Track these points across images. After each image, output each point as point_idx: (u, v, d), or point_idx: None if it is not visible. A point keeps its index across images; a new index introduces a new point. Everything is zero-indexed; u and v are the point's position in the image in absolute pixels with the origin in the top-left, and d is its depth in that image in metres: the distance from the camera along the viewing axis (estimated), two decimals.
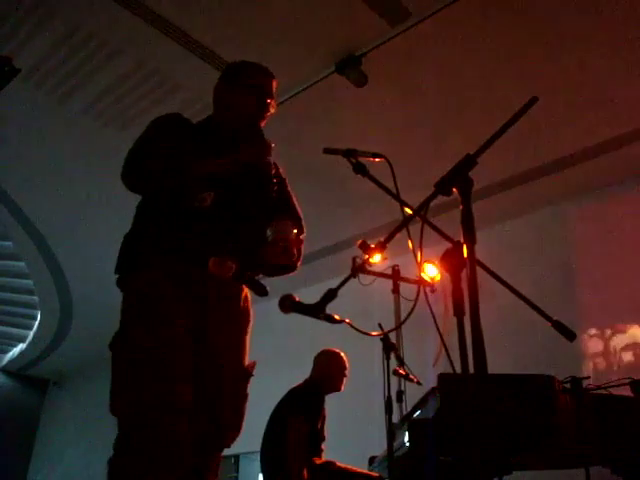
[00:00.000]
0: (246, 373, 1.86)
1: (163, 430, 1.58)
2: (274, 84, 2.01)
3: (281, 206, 2.00)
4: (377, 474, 3.30)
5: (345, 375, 3.64)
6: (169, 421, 1.60)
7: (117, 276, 1.84)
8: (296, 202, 2.07)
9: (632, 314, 4.51)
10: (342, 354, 3.70)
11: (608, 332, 4.58)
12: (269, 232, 1.81)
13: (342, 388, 3.64)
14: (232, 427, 1.81)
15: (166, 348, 1.66)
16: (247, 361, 1.88)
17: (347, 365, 3.67)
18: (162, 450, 1.57)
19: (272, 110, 2.00)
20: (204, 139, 1.94)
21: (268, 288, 1.90)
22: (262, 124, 2.00)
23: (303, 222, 2.04)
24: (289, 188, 2.07)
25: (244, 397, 1.86)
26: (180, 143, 1.87)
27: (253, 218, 1.91)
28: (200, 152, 1.87)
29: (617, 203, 4.82)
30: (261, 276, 1.98)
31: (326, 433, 3.49)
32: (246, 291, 1.91)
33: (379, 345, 3.17)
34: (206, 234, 1.81)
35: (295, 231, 1.84)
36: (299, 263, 1.94)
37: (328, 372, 3.61)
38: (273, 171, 1.99)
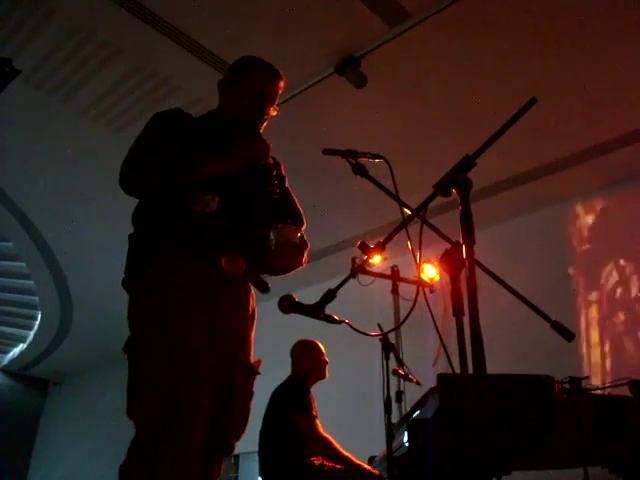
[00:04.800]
0: (253, 370, 1.85)
1: (179, 440, 1.55)
2: (280, 86, 2.01)
3: (282, 203, 2.00)
4: (372, 469, 3.31)
5: (326, 361, 3.63)
6: (186, 431, 1.56)
7: (124, 276, 1.81)
8: (294, 196, 2.07)
9: (631, 314, 4.51)
10: (316, 341, 3.68)
11: (607, 332, 4.58)
12: (272, 236, 1.79)
13: (326, 374, 3.62)
14: (239, 429, 1.81)
15: (184, 350, 1.64)
16: (253, 358, 1.87)
17: (324, 350, 3.65)
18: (175, 461, 1.54)
19: (273, 114, 2.00)
20: (207, 135, 1.93)
21: (269, 285, 1.91)
22: (261, 127, 1.99)
23: (303, 216, 2.04)
24: (287, 184, 2.07)
25: (251, 395, 1.85)
26: (182, 143, 1.84)
27: (257, 217, 1.91)
28: (203, 149, 1.86)
29: (616, 204, 4.83)
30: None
31: (322, 430, 3.48)
32: (253, 289, 1.92)
33: (378, 345, 3.17)
34: (214, 234, 1.80)
35: (299, 235, 1.82)
36: (304, 263, 1.93)
37: (309, 362, 3.59)
38: (274, 171, 1.99)
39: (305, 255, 1.89)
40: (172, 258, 1.76)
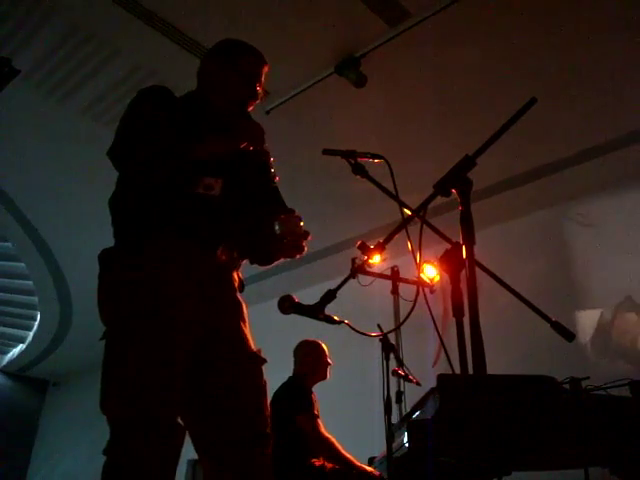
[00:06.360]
0: (260, 358, 1.78)
1: (151, 441, 1.50)
2: (265, 70, 1.98)
3: (276, 192, 1.97)
4: (373, 470, 3.30)
5: (329, 363, 3.63)
6: (159, 430, 1.51)
7: (107, 248, 1.74)
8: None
9: (631, 315, 4.51)
10: (320, 342, 3.68)
11: (607, 333, 4.58)
12: (277, 227, 1.76)
13: (328, 376, 3.62)
14: (265, 416, 1.73)
15: (166, 348, 1.57)
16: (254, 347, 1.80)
17: (327, 352, 3.65)
18: (150, 466, 1.50)
19: (259, 99, 1.98)
20: (195, 117, 1.88)
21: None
22: (249, 109, 1.96)
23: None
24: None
25: (265, 385, 1.76)
26: (173, 121, 1.79)
27: (254, 206, 1.88)
28: (193, 131, 1.81)
29: (617, 205, 4.82)
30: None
31: (324, 431, 3.48)
32: (237, 279, 1.87)
33: (378, 346, 3.17)
34: (212, 220, 1.75)
35: (302, 224, 1.79)
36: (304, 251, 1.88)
37: (313, 363, 3.59)
38: (271, 159, 1.96)
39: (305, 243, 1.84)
40: (171, 241, 1.69)
